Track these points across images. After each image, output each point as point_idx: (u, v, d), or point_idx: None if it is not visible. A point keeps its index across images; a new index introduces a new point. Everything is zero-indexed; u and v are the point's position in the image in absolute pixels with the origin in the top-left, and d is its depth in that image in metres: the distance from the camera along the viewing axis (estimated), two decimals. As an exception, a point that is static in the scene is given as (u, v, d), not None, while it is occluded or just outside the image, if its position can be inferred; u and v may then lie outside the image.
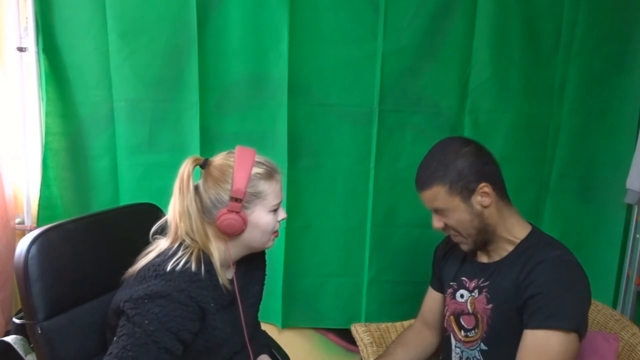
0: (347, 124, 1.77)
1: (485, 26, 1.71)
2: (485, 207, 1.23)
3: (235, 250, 1.14)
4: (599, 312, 1.55)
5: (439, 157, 1.24)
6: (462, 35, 1.72)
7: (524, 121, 1.78)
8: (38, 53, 1.68)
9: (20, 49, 1.70)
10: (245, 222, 1.09)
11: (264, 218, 1.11)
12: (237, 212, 1.07)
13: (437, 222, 1.28)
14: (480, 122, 1.78)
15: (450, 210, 1.23)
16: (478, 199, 1.22)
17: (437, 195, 1.22)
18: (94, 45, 1.68)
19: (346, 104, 1.75)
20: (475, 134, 1.76)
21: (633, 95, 1.77)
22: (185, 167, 1.09)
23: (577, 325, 1.13)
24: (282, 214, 1.16)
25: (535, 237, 1.27)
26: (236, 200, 1.06)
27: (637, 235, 1.83)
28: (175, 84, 1.71)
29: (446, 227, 1.27)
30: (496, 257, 1.29)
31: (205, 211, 1.10)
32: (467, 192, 1.21)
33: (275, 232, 1.15)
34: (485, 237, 1.26)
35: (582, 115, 1.79)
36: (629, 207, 1.84)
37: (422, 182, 1.26)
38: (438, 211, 1.25)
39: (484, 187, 1.21)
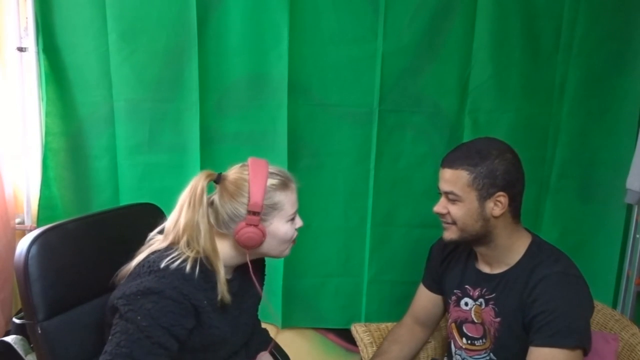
0: (347, 124, 1.76)
1: (485, 26, 1.71)
2: (494, 216, 1.22)
3: (252, 256, 1.14)
4: (599, 312, 1.54)
5: (482, 147, 1.23)
6: (462, 35, 1.72)
7: (524, 121, 1.78)
8: (38, 53, 1.68)
9: (20, 49, 1.70)
10: (264, 234, 1.09)
11: (282, 228, 1.12)
12: (256, 225, 1.07)
13: (441, 207, 1.25)
14: (480, 122, 1.77)
15: (462, 201, 1.21)
16: (490, 206, 1.21)
17: (459, 179, 1.21)
18: (94, 45, 1.68)
19: (346, 104, 1.75)
20: (475, 134, 1.75)
21: (633, 95, 1.77)
22: (199, 182, 1.08)
23: (581, 341, 1.15)
24: (299, 222, 1.17)
25: (536, 248, 1.26)
26: (254, 213, 1.06)
27: (637, 235, 1.83)
28: (175, 84, 1.71)
29: (447, 215, 1.25)
30: (497, 269, 1.29)
31: (221, 225, 1.10)
32: (484, 193, 1.20)
33: (292, 241, 1.16)
34: (478, 241, 1.26)
35: (582, 115, 1.79)
36: (629, 207, 1.83)
37: (452, 160, 1.23)
38: (449, 197, 1.23)
39: (501, 196, 1.20)
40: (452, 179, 1.22)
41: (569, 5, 1.72)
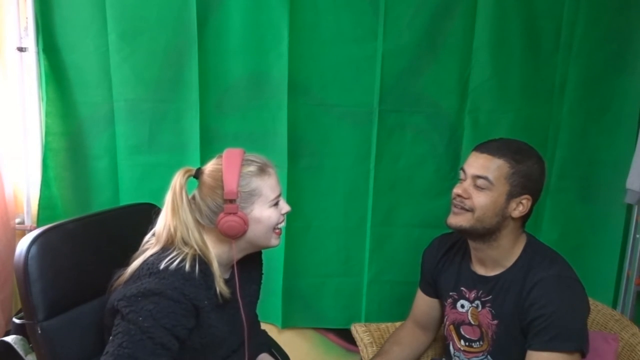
0: (347, 124, 1.76)
1: (485, 26, 1.71)
2: (512, 217, 1.22)
3: (241, 250, 1.14)
4: (599, 312, 1.54)
5: (523, 146, 1.23)
6: (462, 35, 1.72)
7: (524, 121, 1.78)
8: (38, 53, 1.69)
9: (20, 49, 1.70)
10: (245, 222, 1.09)
11: (265, 213, 1.11)
12: (235, 213, 1.07)
13: (462, 190, 1.21)
14: (480, 122, 1.77)
15: (492, 191, 1.19)
16: (513, 206, 1.21)
17: (498, 169, 1.18)
18: (94, 45, 1.68)
19: (346, 104, 1.75)
20: (475, 134, 1.76)
21: (633, 95, 1.77)
22: (177, 180, 1.09)
23: (580, 345, 1.15)
24: (285, 207, 1.16)
25: (531, 249, 1.26)
26: (231, 201, 1.07)
27: (637, 235, 1.83)
28: (175, 84, 1.71)
29: (467, 200, 1.21)
30: (493, 271, 1.29)
31: (205, 219, 1.10)
32: (515, 191, 1.19)
33: (278, 229, 1.15)
34: (483, 236, 1.25)
35: (582, 115, 1.79)
36: (629, 207, 1.83)
37: (495, 148, 1.20)
38: (479, 182, 1.19)
39: (526, 199, 1.20)
40: (491, 166, 1.19)
41: (569, 5, 1.71)
